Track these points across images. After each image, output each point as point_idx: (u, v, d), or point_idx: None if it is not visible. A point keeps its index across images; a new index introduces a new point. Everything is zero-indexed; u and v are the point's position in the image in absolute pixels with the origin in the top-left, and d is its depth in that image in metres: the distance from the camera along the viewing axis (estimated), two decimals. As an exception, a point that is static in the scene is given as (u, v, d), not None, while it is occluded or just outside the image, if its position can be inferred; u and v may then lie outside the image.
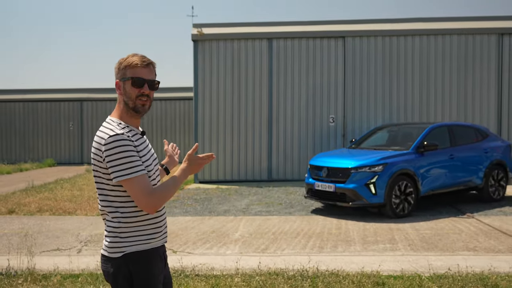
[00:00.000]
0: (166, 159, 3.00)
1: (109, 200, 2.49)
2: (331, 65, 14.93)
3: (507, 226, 8.37)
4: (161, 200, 2.45)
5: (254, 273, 5.58)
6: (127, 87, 2.55)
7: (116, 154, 2.39)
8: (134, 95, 2.54)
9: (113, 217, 2.49)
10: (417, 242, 7.33)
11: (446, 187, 10.06)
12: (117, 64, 2.59)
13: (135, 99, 2.54)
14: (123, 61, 2.57)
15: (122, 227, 2.48)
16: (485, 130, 11.31)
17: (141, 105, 2.56)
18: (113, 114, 2.61)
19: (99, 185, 2.52)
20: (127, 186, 2.41)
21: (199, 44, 15.03)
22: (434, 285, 5.14)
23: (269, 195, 12.11)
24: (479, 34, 14.72)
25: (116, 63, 2.59)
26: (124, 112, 2.59)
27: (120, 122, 2.54)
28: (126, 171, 2.39)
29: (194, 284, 5.26)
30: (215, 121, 15.02)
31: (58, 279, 5.48)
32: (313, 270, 5.67)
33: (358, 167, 9.21)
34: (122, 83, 2.56)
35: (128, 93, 2.55)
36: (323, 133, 14.91)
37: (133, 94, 2.54)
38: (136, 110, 2.56)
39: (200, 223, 9.00)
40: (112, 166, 2.40)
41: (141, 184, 2.40)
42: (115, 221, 2.49)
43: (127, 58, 2.57)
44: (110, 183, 2.47)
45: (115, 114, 2.60)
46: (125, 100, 2.56)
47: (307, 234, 7.95)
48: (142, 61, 2.54)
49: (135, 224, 2.50)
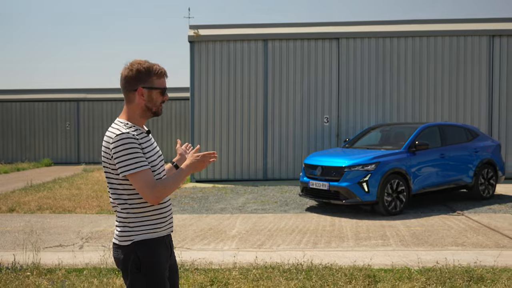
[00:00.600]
0: (177, 157, 3.27)
1: (118, 194, 2.74)
2: (326, 66, 15.19)
3: (495, 223, 8.65)
4: (163, 192, 2.69)
5: (251, 267, 5.83)
6: (154, 95, 2.80)
7: (122, 151, 2.63)
8: (159, 102, 2.83)
9: (122, 208, 2.74)
10: (408, 238, 7.60)
11: (437, 185, 10.34)
12: (137, 69, 2.75)
13: (159, 105, 2.83)
14: (147, 68, 2.76)
15: (131, 217, 2.73)
16: (475, 130, 11.60)
17: (161, 109, 2.87)
18: (121, 116, 2.83)
19: (109, 180, 2.77)
20: (132, 179, 2.66)
21: (196, 45, 15.26)
22: (423, 277, 5.39)
23: (264, 194, 12.36)
24: (470, 35, 15.03)
25: (135, 67, 2.75)
26: (137, 114, 2.81)
27: (127, 122, 2.77)
28: (131, 166, 2.64)
29: (193, 277, 5.49)
30: (211, 121, 15.26)
31: (62, 273, 5.71)
32: (307, 264, 5.91)
33: (351, 165, 9.48)
34: (147, 90, 2.78)
35: (154, 100, 2.80)
36: (317, 133, 15.17)
37: (159, 101, 2.83)
38: (158, 114, 2.86)
39: (198, 220, 9.23)
40: (119, 162, 2.65)
41: (145, 178, 2.65)
42: (124, 212, 2.74)
43: (152, 66, 2.78)
44: (118, 178, 2.72)
45: (123, 116, 2.82)
46: (148, 106, 2.80)
47: (302, 231, 8.20)
48: (165, 71, 2.83)
49: (142, 215, 2.75)
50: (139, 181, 2.64)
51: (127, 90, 2.79)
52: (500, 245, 7.15)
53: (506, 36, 14.98)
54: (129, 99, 2.80)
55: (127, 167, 2.64)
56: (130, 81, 2.77)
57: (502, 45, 14.99)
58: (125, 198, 2.73)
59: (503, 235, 7.76)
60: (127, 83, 2.77)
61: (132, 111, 2.81)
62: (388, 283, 5.24)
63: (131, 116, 2.81)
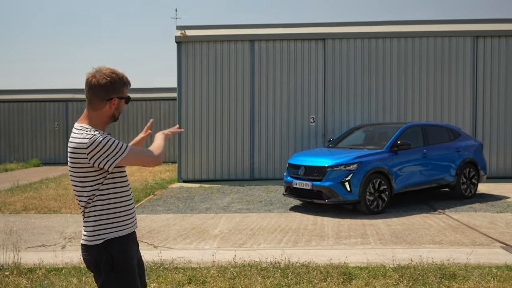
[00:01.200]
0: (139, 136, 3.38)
1: (88, 195, 2.81)
2: (312, 67, 15.31)
3: (474, 222, 8.79)
4: (159, 151, 2.93)
5: (229, 265, 5.92)
6: (121, 104, 2.91)
7: (103, 148, 2.71)
8: (121, 109, 2.95)
9: (93, 209, 2.82)
10: (387, 237, 7.71)
11: (419, 184, 10.47)
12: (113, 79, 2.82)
13: (120, 113, 2.97)
14: (121, 79, 2.85)
15: (101, 216, 2.82)
16: (457, 130, 11.75)
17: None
18: (83, 121, 2.86)
19: (81, 181, 2.80)
20: (128, 162, 2.80)
21: (183, 46, 15.33)
22: (396, 274, 5.51)
23: (250, 194, 12.45)
24: (454, 36, 15.20)
25: (111, 77, 2.81)
26: (102, 120, 2.87)
27: (91, 128, 2.81)
28: (119, 153, 2.76)
29: (172, 275, 5.57)
30: (198, 121, 15.33)
31: (43, 272, 5.77)
32: (285, 262, 6.01)
33: (333, 165, 9.59)
34: (118, 100, 2.88)
35: (120, 108, 2.93)
36: (304, 133, 15.29)
37: (122, 109, 2.96)
38: (116, 120, 2.99)
39: (182, 220, 9.30)
40: (103, 159, 2.73)
41: (137, 152, 2.84)
42: (95, 211, 2.82)
43: (123, 76, 2.87)
44: (91, 179, 2.78)
45: (85, 121, 2.85)
46: (114, 113, 2.90)
47: (284, 230, 8.30)
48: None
49: (112, 212, 2.84)
50: (136, 157, 2.82)
51: (100, 98, 2.81)
52: (476, 243, 7.28)
53: (490, 37, 15.16)
54: (98, 106, 2.83)
55: (115, 156, 2.74)
56: (106, 90, 2.80)
57: (486, 46, 15.16)
58: (96, 199, 2.80)
59: (481, 233, 7.90)
60: (102, 92, 2.79)
61: (98, 118, 2.86)
62: (363, 280, 5.35)
63: (95, 123, 2.85)
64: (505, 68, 15.12)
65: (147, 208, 10.55)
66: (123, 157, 2.77)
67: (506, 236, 7.64)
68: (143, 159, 2.88)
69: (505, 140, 15.09)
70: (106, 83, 2.79)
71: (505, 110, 15.11)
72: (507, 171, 15.11)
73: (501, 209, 10.00)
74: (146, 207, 10.67)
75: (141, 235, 8.02)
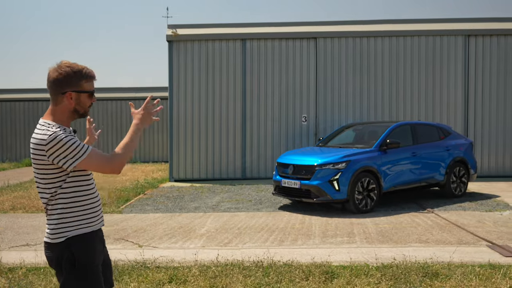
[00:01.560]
0: (87, 137, 3.36)
1: (50, 192, 2.77)
2: (304, 66, 15.28)
3: (462, 220, 8.77)
4: (123, 158, 2.79)
5: (212, 265, 5.88)
6: (83, 98, 2.84)
7: (62, 147, 2.66)
8: (87, 105, 2.88)
9: (55, 207, 2.78)
10: (373, 236, 7.68)
11: (409, 183, 10.45)
12: (66, 72, 2.77)
13: (86, 108, 2.88)
14: (76, 72, 2.79)
15: (64, 214, 2.77)
16: (447, 129, 11.73)
17: (88, 110, 2.92)
18: (47, 117, 2.82)
19: (43, 178, 2.76)
20: (86, 165, 2.72)
21: (174, 45, 15.28)
22: (379, 273, 5.48)
23: (240, 193, 12.40)
24: (446, 35, 15.18)
25: (64, 70, 2.77)
26: (65, 116, 2.83)
27: (54, 124, 2.77)
28: (79, 154, 2.69)
29: (153, 275, 5.53)
30: (189, 120, 15.28)
31: (23, 272, 5.72)
32: (268, 261, 5.97)
33: (322, 164, 9.55)
34: (75, 94, 2.81)
35: (83, 103, 2.85)
36: (295, 132, 15.26)
37: (87, 104, 2.87)
38: (85, 115, 2.92)
39: (169, 219, 9.26)
40: (62, 158, 2.68)
41: (96, 156, 2.74)
42: (58, 209, 2.77)
43: (82, 70, 2.81)
44: (52, 176, 2.74)
45: (49, 117, 2.82)
46: (76, 108, 2.84)
47: (271, 229, 8.26)
48: (94, 74, 2.87)
49: (75, 210, 2.79)
50: (94, 162, 2.72)
51: (56, 93, 2.80)
52: (463, 241, 7.26)
53: (481, 36, 15.15)
54: (57, 101, 2.81)
55: (75, 157, 2.68)
56: (59, 84, 2.78)
57: (477, 45, 15.15)
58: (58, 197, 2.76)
59: (468, 232, 7.87)
60: (56, 86, 2.78)
61: (60, 113, 2.82)
62: (344, 279, 5.32)
63: (58, 118, 2.82)
64: (497, 67, 15.11)
65: (135, 207, 10.50)
66: (82, 159, 2.70)
67: (492, 235, 7.62)
68: (100, 164, 2.75)
69: (497, 139, 15.09)
70: (57, 76, 2.77)
71: (497, 109, 15.11)
72: (498, 170, 15.11)
73: (490, 208, 9.98)
74: (135, 206, 10.62)
75: (126, 234, 7.98)
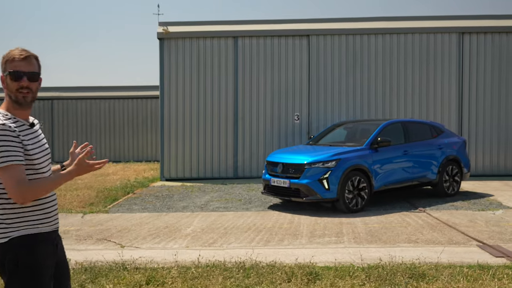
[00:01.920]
0: (69, 160, 3.10)
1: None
2: (296, 63, 15.10)
3: (454, 220, 8.60)
4: (31, 193, 2.53)
5: (192, 266, 5.70)
6: (8, 81, 2.63)
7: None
8: (14, 88, 2.63)
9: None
10: (362, 235, 7.51)
11: (400, 182, 10.28)
12: (1, 59, 2.66)
13: (16, 92, 2.63)
14: (7, 55, 2.65)
15: (7, 213, 2.59)
16: (440, 127, 11.56)
17: (22, 97, 2.65)
18: (1, 107, 2.68)
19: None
20: (1, 174, 2.51)
21: (165, 42, 15.09)
22: (364, 274, 5.30)
23: (230, 192, 12.22)
24: (440, 33, 15.02)
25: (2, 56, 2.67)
26: (10, 105, 2.67)
27: (7, 114, 2.63)
28: (1, 160, 2.49)
29: (130, 276, 5.35)
30: (181, 118, 15.10)
31: None
32: (250, 262, 5.80)
33: (311, 162, 9.38)
34: (5, 77, 2.65)
35: (9, 86, 2.64)
36: (288, 131, 15.08)
37: (13, 87, 2.63)
38: (18, 102, 2.65)
39: (156, 219, 9.08)
40: None
41: (13, 173, 2.49)
42: (0, 209, 2.59)
43: (8, 53, 2.65)
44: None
45: (3, 106, 2.68)
46: (8, 94, 2.65)
47: (258, 229, 8.09)
48: (20, 54, 2.63)
49: (21, 210, 2.60)
50: (6, 176, 2.49)
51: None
52: (453, 241, 7.09)
53: (475, 33, 14.99)
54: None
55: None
56: None
57: (471, 42, 14.99)
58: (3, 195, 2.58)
59: (459, 231, 7.71)
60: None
61: (7, 102, 2.68)
62: (328, 281, 5.15)
63: (7, 107, 2.67)
64: (491, 64, 14.95)
65: (123, 207, 10.32)
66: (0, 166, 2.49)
67: (483, 235, 7.46)
68: (9, 183, 2.49)
69: (491, 137, 14.93)
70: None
71: (491, 107, 14.95)
72: (493, 169, 14.95)
73: (483, 207, 9.81)
74: (122, 206, 10.44)
75: (110, 234, 7.80)
